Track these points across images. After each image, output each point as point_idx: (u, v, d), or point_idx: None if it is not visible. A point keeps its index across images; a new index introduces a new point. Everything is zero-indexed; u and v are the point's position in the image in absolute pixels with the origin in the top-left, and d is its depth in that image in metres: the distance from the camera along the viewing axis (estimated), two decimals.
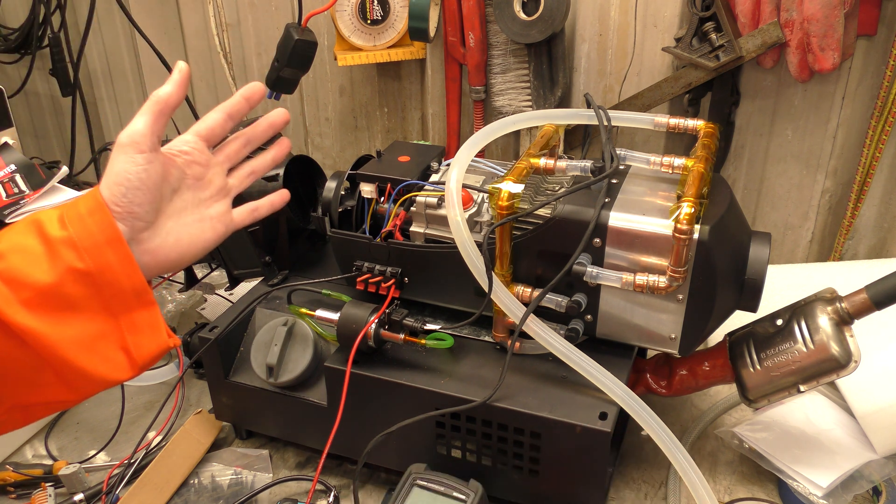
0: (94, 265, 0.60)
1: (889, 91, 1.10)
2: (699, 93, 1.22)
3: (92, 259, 0.60)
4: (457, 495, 0.83)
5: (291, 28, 1.28)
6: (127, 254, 0.62)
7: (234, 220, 0.76)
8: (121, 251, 0.62)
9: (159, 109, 0.65)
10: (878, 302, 0.79)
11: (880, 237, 1.25)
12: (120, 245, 0.62)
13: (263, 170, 0.80)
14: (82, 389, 0.64)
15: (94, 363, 0.62)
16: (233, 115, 0.73)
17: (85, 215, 0.61)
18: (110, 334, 0.63)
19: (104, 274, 0.61)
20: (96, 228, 0.61)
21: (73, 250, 0.60)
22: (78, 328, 0.61)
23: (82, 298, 0.61)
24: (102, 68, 1.80)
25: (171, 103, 0.66)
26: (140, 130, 0.64)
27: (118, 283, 0.62)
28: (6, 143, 1.20)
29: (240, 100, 0.73)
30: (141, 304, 0.64)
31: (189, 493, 0.99)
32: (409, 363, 0.92)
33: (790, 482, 0.90)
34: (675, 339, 0.85)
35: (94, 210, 0.62)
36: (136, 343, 0.64)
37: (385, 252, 0.97)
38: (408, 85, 1.49)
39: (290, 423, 1.01)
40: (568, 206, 0.85)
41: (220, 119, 0.73)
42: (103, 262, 0.61)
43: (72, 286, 0.60)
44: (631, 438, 1.03)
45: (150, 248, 0.66)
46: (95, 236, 0.61)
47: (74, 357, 0.61)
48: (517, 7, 1.20)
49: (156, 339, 0.65)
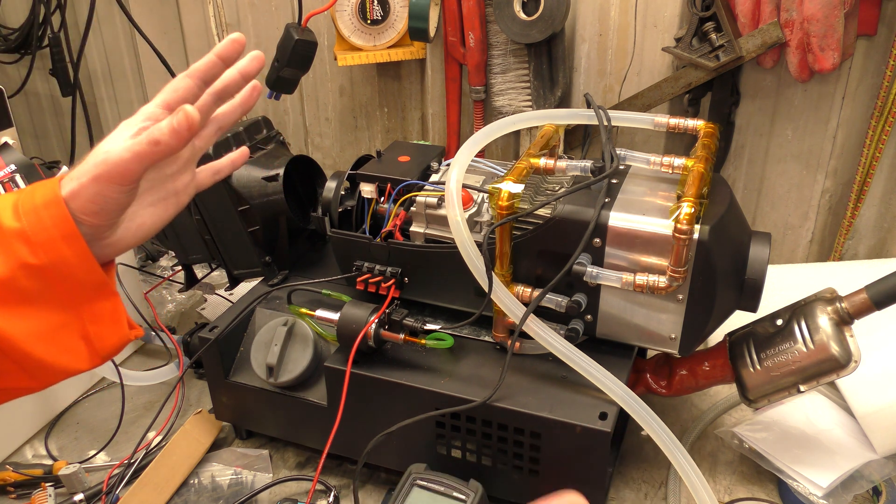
0: (48, 260, 0.58)
1: (889, 91, 1.10)
2: (699, 93, 1.22)
3: (46, 254, 0.57)
4: (457, 495, 0.83)
5: (291, 28, 1.28)
6: (83, 250, 0.59)
7: (197, 186, 0.70)
8: (77, 247, 0.59)
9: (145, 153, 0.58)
10: (878, 302, 0.79)
11: (880, 237, 1.25)
12: (76, 241, 0.59)
13: (231, 121, 0.69)
14: (43, 379, 0.62)
15: (53, 354, 0.60)
16: (206, 78, 0.64)
17: (40, 207, 0.58)
18: (70, 325, 0.60)
19: (59, 269, 0.58)
20: (51, 223, 0.58)
21: (25, 244, 0.57)
22: (35, 321, 0.59)
23: (37, 292, 0.58)
24: (102, 68, 1.80)
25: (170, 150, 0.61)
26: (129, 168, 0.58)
27: (75, 278, 0.59)
28: (6, 143, 1.20)
29: (213, 59, 0.63)
30: (101, 295, 0.61)
31: (189, 493, 0.99)
32: (409, 363, 0.92)
33: (790, 482, 0.90)
34: (675, 339, 0.85)
35: (50, 203, 0.58)
36: (98, 333, 0.61)
37: (385, 252, 0.97)
38: (408, 85, 1.48)
39: (290, 423, 1.01)
40: (568, 206, 0.85)
41: (192, 86, 0.63)
42: (58, 257, 0.58)
43: (25, 281, 0.57)
44: (631, 438, 1.03)
45: (111, 242, 0.63)
46: (50, 231, 0.58)
47: (32, 349, 0.59)
48: (517, 7, 1.20)
49: (117, 331, 0.63)
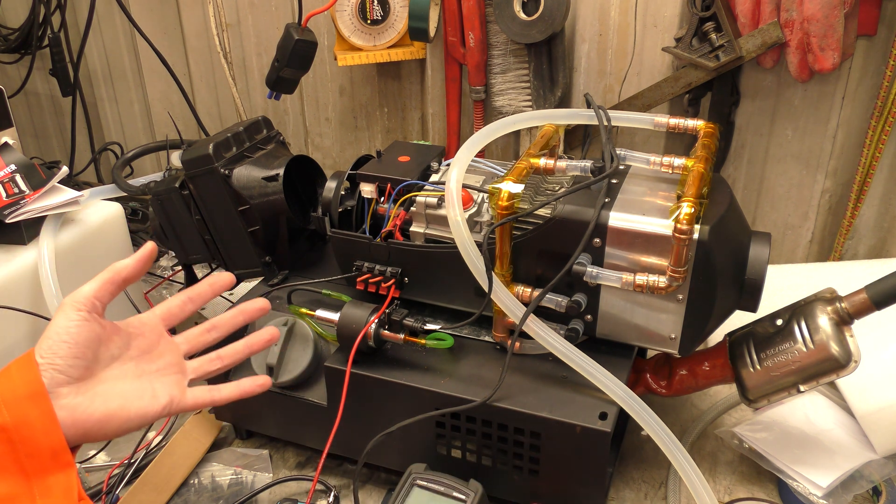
0: (12, 419, 0.58)
1: (889, 91, 1.10)
2: (699, 93, 1.22)
3: (10, 413, 0.58)
4: (457, 495, 0.83)
5: (291, 28, 1.28)
6: (48, 409, 0.60)
7: (185, 400, 0.70)
8: (42, 406, 0.60)
9: (111, 279, 0.65)
10: (878, 302, 0.79)
11: (880, 237, 1.25)
12: (42, 400, 0.60)
13: (233, 360, 0.74)
14: None
15: None
16: (194, 299, 0.73)
17: (13, 369, 0.60)
18: (20, 498, 0.59)
19: (21, 430, 0.59)
20: (21, 382, 0.60)
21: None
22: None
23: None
24: (102, 68, 1.80)
25: (126, 277, 0.66)
26: (84, 292, 0.64)
27: (35, 441, 0.59)
28: (6, 143, 1.20)
29: (205, 287, 0.73)
30: (57, 465, 0.61)
31: (189, 493, 0.99)
32: (409, 363, 0.92)
33: (790, 482, 0.90)
34: (675, 339, 0.85)
35: (23, 364, 0.61)
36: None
37: (385, 252, 0.97)
38: (408, 85, 1.49)
39: (290, 423, 1.01)
40: (568, 206, 0.85)
41: (179, 301, 0.72)
42: (22, 416, 0.59)
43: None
44: (631, 438, 1.03)
45: (70, 405, 0.62)
46: (18, 389, 0.59)
47: None
48: (517, 7, 1.20)
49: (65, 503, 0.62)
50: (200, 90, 1.70)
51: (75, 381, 0.63)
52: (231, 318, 0.75)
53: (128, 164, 1.42)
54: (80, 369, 0.63)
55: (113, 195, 1.30)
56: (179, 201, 1.09)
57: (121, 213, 1.25)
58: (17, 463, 0.59)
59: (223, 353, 0.74)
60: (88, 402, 0.63)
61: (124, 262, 0.67)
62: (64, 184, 1.18)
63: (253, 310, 0.75)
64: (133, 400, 0.66)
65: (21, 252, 1.11)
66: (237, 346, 0.75)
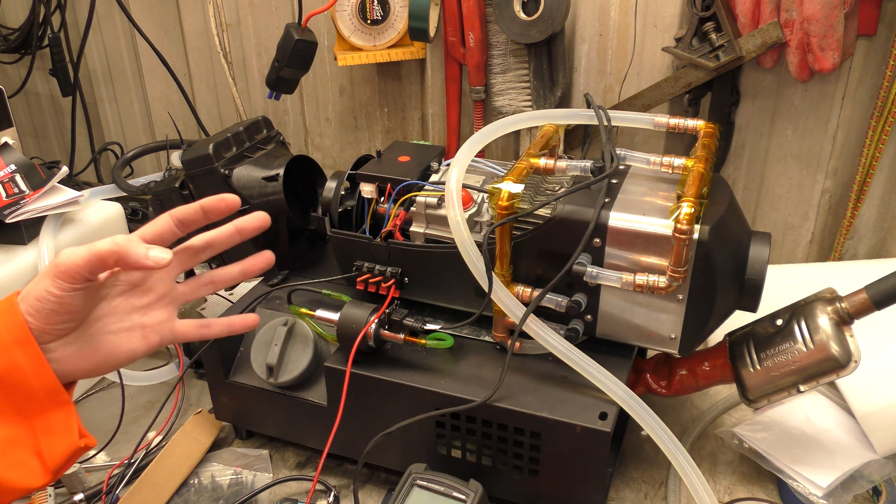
0: (2, 366, 0.58)
1: (889, 91, 1.10)
2: (699, 93, 1.22)
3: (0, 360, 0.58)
4: (457, 495, 0.83)
5: (291, 28, 1.28)
6: (37, 354, 0.60)
7: (175, 332, 0.69)
8: (30, 351, 0.59)
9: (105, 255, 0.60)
10: (878, 302, 0.79)
11: (880, 237, 1.25)
12: (29, 345, 0.59)
13: (226, 282, 0.72)
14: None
15: (5, 471, 0.59)
16: (184, 221, 0.67)
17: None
18: (23, 438, 0.60)
19: (12, 375, 0.59)
20: (5, 328, 0.59)
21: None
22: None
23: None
24: (102, 68, 1.80)
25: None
26: (77, 263, 0.59)
27: (28, 384, 0.60)
28: (6, 143, 1.20)
29: (196, 209, 0.67)
30: (55, 404, 0.61)
31: (189, 493, 0.99)
32: (409, 363, 0.92)
33: (790, 482, 0.90)
34: (675, 339, 0.85)
35: (5, 310, 0.60)
36: (49, 446, 0.61)
37: (385, 252, 0.97)
38: (408, 85, 1.49)
39: (290, 423, 1.01)
40: (568, 206, 0.85)
41: (169, 224, 0.66)
42: (11, 362, 0.59)
43: None
44: (631, 438, 1.03)
45: (59, 357, 0.62)
46: (3, 336, 0.59)
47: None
48: (517, 7, 1.20)
49: (67, 440, 0.62)
50: (200, 90, 1.70)
51: (63, 335, 0.62)
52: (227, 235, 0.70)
53: (128, 164, 1.43)
54: (71, 328, 0.63)
55: (113, 195, 1.30)
56: (179, 201, 1.09)
57: (121, 213, 1.25)
58: (13, 405, 0.60)
59: (216, 276, 0.72)
60: (77, 352, 0.63)
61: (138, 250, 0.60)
62: (64, 184, 1.18)
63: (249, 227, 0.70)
64: (123, 343, 0.65)
65: (21, 252, 1.11)
66: (232, 269, 0.72)
